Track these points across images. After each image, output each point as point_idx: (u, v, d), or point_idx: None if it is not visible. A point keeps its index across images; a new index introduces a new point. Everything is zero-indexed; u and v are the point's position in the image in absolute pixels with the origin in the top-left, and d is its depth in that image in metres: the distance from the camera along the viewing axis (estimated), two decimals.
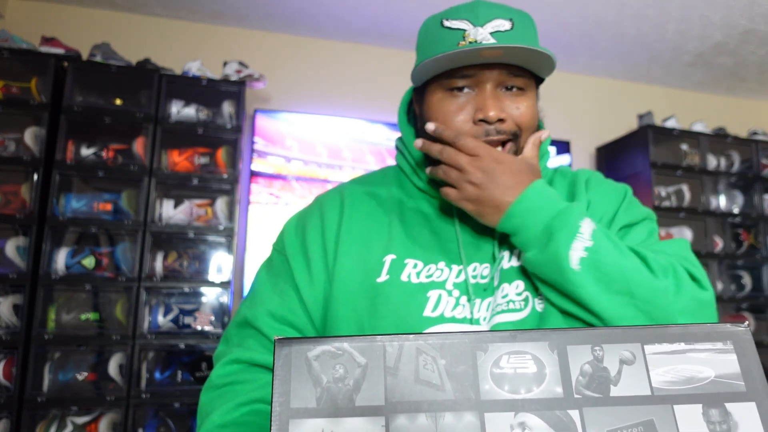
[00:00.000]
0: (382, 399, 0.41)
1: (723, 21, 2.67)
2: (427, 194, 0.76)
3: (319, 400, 0.41)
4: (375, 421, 0.40)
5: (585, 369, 0.43)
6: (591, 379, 0.42)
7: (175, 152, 2.31)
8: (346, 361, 0.42)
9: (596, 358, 0.43)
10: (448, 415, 0.41)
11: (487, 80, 0.68)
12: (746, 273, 2.99)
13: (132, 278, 2.13)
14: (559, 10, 2.62)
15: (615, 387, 0.42)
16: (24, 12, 2.62)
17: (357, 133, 2.80)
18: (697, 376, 0.43)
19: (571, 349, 0.43)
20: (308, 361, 0.42)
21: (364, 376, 0.42)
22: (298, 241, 0.75)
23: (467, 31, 0.66)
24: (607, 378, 0.43)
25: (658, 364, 0.43)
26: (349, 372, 0.42)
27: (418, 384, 0.42)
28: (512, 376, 0.42)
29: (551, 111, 3.26)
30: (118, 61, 2.33)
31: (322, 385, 0.41)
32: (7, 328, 2.02)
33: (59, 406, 2.01)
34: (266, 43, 2.89)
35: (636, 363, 0.43)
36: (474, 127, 0.68)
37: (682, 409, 0.41)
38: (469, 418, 0.40)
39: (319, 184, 2.70)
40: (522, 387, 0.42)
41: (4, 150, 2.12)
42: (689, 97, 3.57)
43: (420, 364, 0.42)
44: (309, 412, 0.40)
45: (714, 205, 2.96)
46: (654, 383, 0.42)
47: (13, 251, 2.06)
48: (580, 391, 0.42)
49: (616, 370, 0.43)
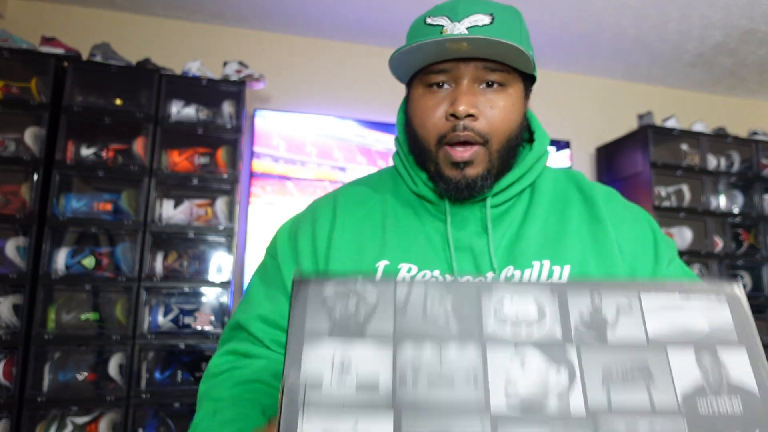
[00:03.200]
0: (391, 330, 0.44)
1: (723, 21, 2.67)
2: (422, 198, 0.75)
3: (331, 329, 0.44)
4: (383, 346, 0.44)
5: (583, 313, 0.45)
6: (589, 324, 0.45)
7: (175, 152, 2.31)
8: (359, 298, 0.46)
9: (594, 304, 0.46)
10: (452, 347, 0.44)
11: (463, 75, 0.67)
12: (746, 273, 2.99)
13: (132, 278, 2.13)
14: (559, 10, 2.62)
15: (612, 331, 0.45)
16: (24, 12, 2.62)
17: (357, 134, 2.80)
18: (691, 324, 0.45)
19: (571, 296, 0.46)
20: (323, 298, 0.46)
21: (374, 312, 0.45)
22: (290, 246, 0.76)
23: (445, 27, 0.66)
24: (604, 323, 0.45)
25: (654, 312, 0.45)
26: (360, 308, 0.45)
27: (425, 320, 0.45)
28: (514, 317, 0.45)
29: (551, 111, 3.27)
30: (118, 61, 2.33)
31: (336, 317, 0.45)
32: (7, 328, 2.02)
33: (59, 406, 2.01)
34: (266, 43, 2.89)
35: (632, 311, 0.45)
36: (446, 123, 0.68)
37: (675, 354, 0.44)
38: (471, 350, 0.44)
39: (317, 184, 2.70)
40: (523, 326, 0.45)
41: (4, 150, 2.12)
42: (689, 97, 3.57)
43: (428, 303, 0.45)
44: (322, 338, 0.44)
45: (714, 205, 2.96)
46: (649, 330, 0.45)
47: (13, 251, 2.06)
48: (578, 332, 0.45)
49: (613, 317, 0.45)
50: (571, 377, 0.43)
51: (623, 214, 0.76)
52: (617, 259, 0.70)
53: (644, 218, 0.77)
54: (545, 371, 0.43)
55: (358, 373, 0.43)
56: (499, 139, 0.69)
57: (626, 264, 0.71)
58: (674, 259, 0.75)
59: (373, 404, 0.42)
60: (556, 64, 3.23)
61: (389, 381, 0.42)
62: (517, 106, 0.70)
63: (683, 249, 2.85)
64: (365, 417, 0.41)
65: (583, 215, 0.74)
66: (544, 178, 0.78)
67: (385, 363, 0.43)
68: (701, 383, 0.43)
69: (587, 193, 0.76)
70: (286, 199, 2.65)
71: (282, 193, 2.66)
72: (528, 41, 0.71)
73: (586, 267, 0.69)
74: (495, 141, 0.68)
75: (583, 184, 0.78)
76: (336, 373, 0.43)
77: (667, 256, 0.74)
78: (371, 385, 0.42)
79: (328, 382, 0.42)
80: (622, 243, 0.72)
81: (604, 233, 0.72)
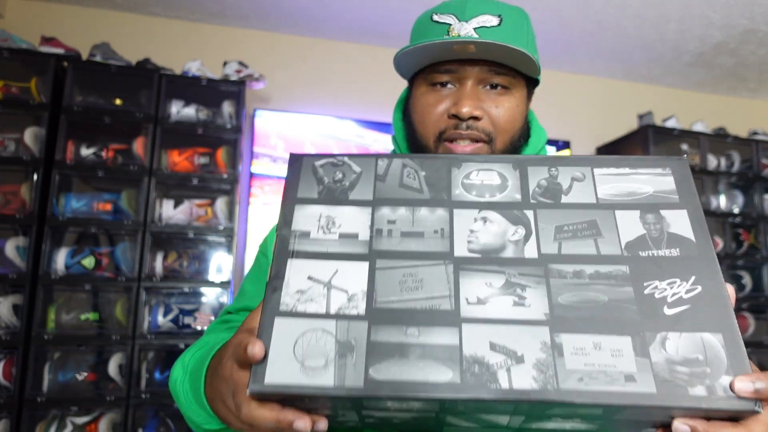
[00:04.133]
0: (370, 196, 0.51)
1: (723, 21, 2.67)
2: None
3: (320, 193, 0.51)
4: (363, 210, 0.50)
5: (541, 183, 0.51)
6: (545, 190, 0.51)
7: (175, 152, 2.31)
8: (345, 170, 0.53)
9: (551, 175, 0.52)
10: (424, 209, 0.50)
11: (468, 76, 0.67)
12: (746, 273, 2.99)
13: (132, 278, 2.13)
14: (560, 10, 2.62)
15: (566, 196, 0.51)
16: (24, 12, 2.62)
17: (356, 134, 2.80)
18: (637, 191, 0.50)
19: (531, 169, 0.52)
20: (314, 168, 0.53)
21: (358, 180, 0.52)
22: None
23: (452, 26, 0.66)
24: (559, 190, 0.51)
25: (605, 182, 0.51)
26: (346, 176, 0.52)
27: (401, 188, 0.52)
28: (479, 185, 0.52)
29: (551, 111, 3.27)
30: (117, 61, 2.33)
31: (324, 183, 0.52)
32: (6, 328, 2.01)
33: (59, 406, 2.01)
34: (266, 43, 2.89)
35: (585, 180, 0.51)
36: (447, 121, 0.68)
37: (622, 213, 0.49)
38: (440, 212, 0.50)
39: None
40: (486, 193, 0.51)
41: (4, 150, 2.12)
42: (689, 97, 3.57)
43: (404, 174, 0.53)
44: (311, 201, 0.51)
45: (714, 205, 2.96)
46: (599, 194, 0.50)
47: (13, 251, 2.06)
48: (535, 197, 0.51)
49: (567, 185, 0.51)
50: (527, 233, 0.49)
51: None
52: None
53: None
54: (504, 228, 0.49)
55: (341, 227, 0.49)
56: (503, 139, 0.69)
57: None
58: None
59: (353, 251, 0.48)
60: (556, 64, 3.23)
61: (367, 233, 0.49)
62: (520, 108, 0.70)
63: None
64: (345, 263, 0.47)
65: None
66: None
67: (364, 221, 0.50)
68: (644, 235, 0.48)
69: None
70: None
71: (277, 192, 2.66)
72: (534, 44, 0.71)
73: None
74: (499, 140, 0.69)
75: None
76: (322, 228, 0.49)
77: None
78: (351, 235, 0.49)
79: (315, 233, 0.49)
80: None
81: None
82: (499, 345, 0.42)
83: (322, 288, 0.46)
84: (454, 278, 0.46)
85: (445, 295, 0.45)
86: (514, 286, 0.45)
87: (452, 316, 0.44)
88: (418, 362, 0.42)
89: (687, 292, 0.44)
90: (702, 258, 0.46)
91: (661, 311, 0.44)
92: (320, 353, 0.42)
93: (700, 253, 0.46)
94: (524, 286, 0.45)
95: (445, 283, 0.46)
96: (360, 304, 0.45)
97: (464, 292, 0.45)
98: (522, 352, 0.42)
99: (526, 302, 0.45)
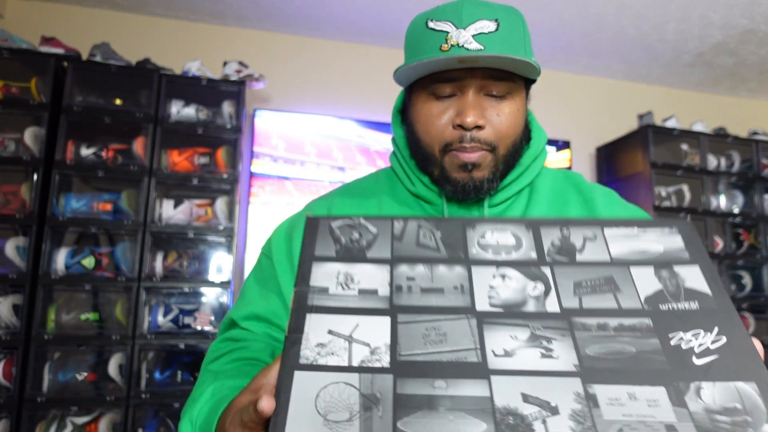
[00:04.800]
0: (388, 254, 0.52)
1: (723, 21, 2.67)
2: (419, 198, 0.75)
3: (338, 252, 0.52)
4: (382, 267, 0.51)
5: (555, 242, 0.53)
6: (560, 249, 0.53)
7: (175, 152, 2.31)
8: (362, 230, 0.54)
9: (564, 235, 0.54)
10: (442, 266, 0.51)
11: (470, 85, 0.66)
12: (746, 273, 2.99)
13: (132, 278, 2.13)
14: (560, 10, 2.62)
15: (580, 254, 0.52)
16: (24, 12, 2.62)
17: (357, 134, 2.80)
18: (648, 249, 0.52)
19: (543, 229, 0.54)
20: (331, 228, 0.54)
21: (375, 240, 0.53)
22: (285, 247, 0.76)
23: (450, 34, 0.65)
24: (573, 249, 0.53)
25: (616, 241, 0.53)
26: (363, 236, 0.53)
27: (418, 247, 0.53)
28: (495, 245, 0.53)
29: (551, 111, 3.27)
30: (117, 61, 2.33)
31: (341, 243, 0.53)
32: (6, 328, 2.01)
33: (59, 406, 2.01)
34: (266, 43, 2.89)
35: (597, 240, 0.53)
36: (453, 132, 0.67)
37: (637, 270, 0.51)
38: (458, 269, 0.51)
39: (317, 184, 2.70)
40: (503, 251, 0.52)
41: (3, 150, 2.12)
42: (689, 97, 3.57)
43: (420, 234, 0.54)
44: (329, 258, 0.52)
45: (714, 205, 2.96)
46: (612, 252, 0.52)
47: (13, 251, 2.06)
48: (551, 255, 0.52)
49: (581, 244, 0.53)
50: (547, 289, 0.50)
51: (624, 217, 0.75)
52: None
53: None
54: (523, 284, 0.50)
55: (360, 283, 0.50)
56: (505, 145, 0.69)
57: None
58: None
59: (373, 306, 0.48)
60: (556, 64, 3.23)
61: (387, 289, 0.49)
62: (521, 111, 0.70)
63: None
64: (366, 318, 0.47)
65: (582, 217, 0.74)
66: (542, 178, 0.78)
67: (383, 277, 0.50)
68: (661, 290, 0.49)
69: (586, 195, 0.76)
70: (285, 199, 2.65)
71: (281, 193, 2.66)
72: (530, 44, 0.70)
73: None
74: (502, 147, 0.69)
75: (582, 185, 0.78)
76: (341, 284, 0.50)
77: None
78: (371, 291, 0.49)
79: (333, 289, 0.49)
80: None
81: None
82: (531, 396, 0.42)
83: (343, 341, 0.46)
84: (478, 331, 0.46)
85: (471, 347, 0.45)
86: (539, 338, 0.46)
87: (480, 368, 0.44)
88: (449, 415, 0.41)
89: (713, 342, 0.45)
90: (721, 310, 0.47)
91: (691, 361, 0.44)
92: (344, 406, 0.42)
93: (718, 306, 0.47)
94: (550, 338, 0.46)
95: (470, 336, 0.46)
96: (384, 356, 0.45)
97: (490, 344, 0.45)
98: (556, 403, 0.42)
99: (554, 354, 0.45)
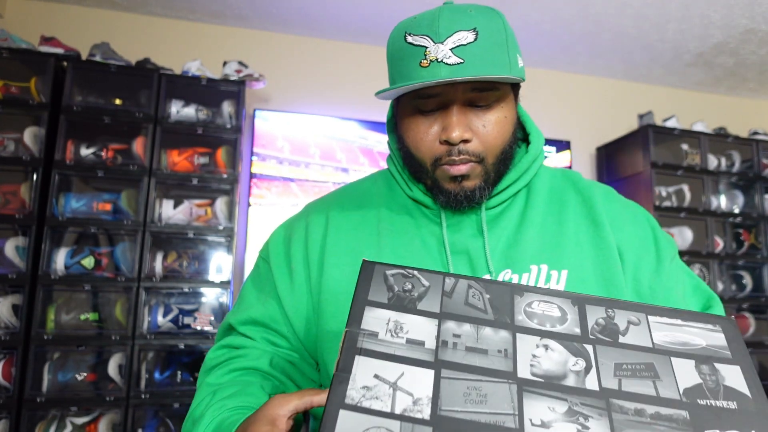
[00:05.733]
0: (438, 309, 0.54)
1: (723, 21, 2.67)
2: (417, 202, 0.75)
3: (390, 299, 0.54)
4: (431, 321, 0.53)
5: (599, 321, 0.54)
6: (603, 329, 0.53)
7: (175, 152, 2.31)
8: (414, 282, 0.56)
9: (609, 316, 0.54)
10: (488, 328, 0.52)
11: (453, 99, 0.65)
12: (747, 273, 2.98)
13: (131, 278, 2.13)
14: (560, 10, 2.62)
15: (623, 337, 0.53)
16: (23, 12, 2.62)
17: (357, 135, 2.80)
18: (690, 342, 0.53)
19: (589, 307, 0.55)
20: (385, 276, 0.56)
21: (426, 292, 0.55)
22: (283, 251, 0.76)
23: (428, 49, 0.63)
24: (616, 330, 0.53)
25: (659, 329, 0.54)
26: (415, 288, 0.55)
27: (466, 305, 0.54)
28: (540, 314, 0.54)
29: (551, 111, 3.27)
30: (117, 61, 2.33)
31: (394, 291, 0.55)
32: (6, 328, 2.01)
33: (59, 406, 2.01)
34: (266, 43, 2.89)
35: (641, 325, 0.54)
36: (441, 147, 0.67)
37: (678, 361, 0.51)
38: (503, 333, 0.52)
39: (317, 185, 2.70)
40: (547, 323, 0.53)
41: (3, 150, 2.12)
42: (690, 96, 3.56)
43: (470, 294, 0.55)
44: (381, 305, 0.53)
45: (715, 205, 2.96)
46: (655, 340, 0.53)
47: (13, 251, 2.06)
48: (594, 333, 0.53)
49: (624, 327, 0.53)
50: (588, 366, 0.50)
51: (623, 215, 0.75)
52: (616, 265, 0.70)
53: (644, 218, 0.77)
54: (565, 358, 0.50)
55: (408, 333, 0.51)
56: (494, 154, 0.69)
57: (629, 267, 0.71)
58: (675, 258, 0.75)
59: (419, 358, 0.49)
60: (556, 64, 3.23)
61: (434, 343, 0.51)
62: (508, 117, 0.69)
63: (684, 249, 2.85)
64: (411, 368, 0.49)
65: (581, 217, 0.73)
66: (539, 178, 0.77)
67: (431, 330, 0.52)
68: (700, 384, 0.49)
69: (584, 194, 0.75)
70: (285, 200, 2.65)
71: (282, 194, 2.66)
72: (513, 45, 0.67)
73: (584, 272, 0.69)
74: (491, 156, 0.68)
75: (580, 183, 0.77)
76: (390, 331, 0.51)
77: (669, 255, 0.73)
78: (418, 342, 0.51)
79: (383, 335, 0.51)
80: (623, 246, 0.71)
81: (603, 238, 0.71)
82: None
83: (387, 388, 0.47)
84: (518, 398, 0.47)
85: (510, 413, 0.46)
86: (577, 414, 0.46)
87: None
88: None
89: None
90: (760, 414, 0.47)
91: None
92: None
93: (757, 409, 0.47)
94: (587, 416, 0.46)
95: (509, 402, 0.47)
96: (425, 408, 0.46)
97: (528, 412, 0.46)
98: None
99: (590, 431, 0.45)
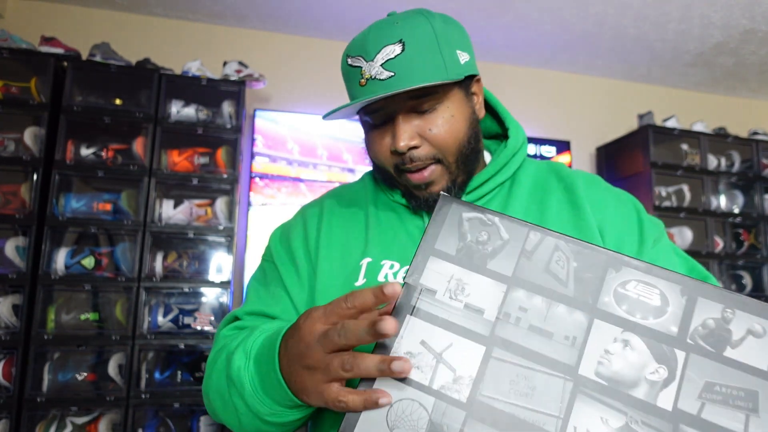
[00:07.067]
0: (510, 271, 0.46)
1: (723, 21, 2.67)
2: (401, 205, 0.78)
3: (459, 251, 0.47)
4: (498, 285, 0.45)
5: (708, 322, 0.42)
6: (710, 333, 0.42)
7: (175, 152, 2.31)
8: (492, 231, 0.48)
9: (724, 318, 0.42)
10: (562, 306, 0.44)
11: (395, 110, 0.67)
12: (747, 273, 2.99)
13: (132, 278, 2.13)
14: (559, 10, 2.62)
15: (732, 350, 0.41)
16: (24, 12, 2.62)
17: (361, 136, 2.79)
18: None
19: (701, 301, 0.43)
20: (461, 219, 0.48)
21: (502, 248, 0.47)
22: (284, 248, 0.78)
23: (363, 69, 0.65)
24: (726, 339, 0.41)
25: None
26: (491, 240, 0.47)
27: (545, 273, 0.45)
28: (634, 300, 0.44)
29: (551, 111, 3.26)
30: (117, 61, 2.33)
31: (466, 241, 0.47)
32: (6, 328, 2.01)
33: (59, 406, 2.01)
34: (266, 43, 2.89)
35: (764, 338, 0.41)
36: (395, 157, 0.69)
37: None
38: (579, 317, 0.43)
39: (317, 184, 2.70)
40: (638, 312, 0.43)
41: (3, 150, 2.12)
42: (689, 97, 3.56)
43: (554, 258, 0.46)
44: (447, 257, 0.47)
45: (714, 205, 2.96)
46: None
47: (13, 251, 2.06)
48: (694, 338, 0.42)
49: (739, 337, 0.41)
50: (669, 378, 0.41)
51: (605, 198, 0.75)
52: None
53: (628, 200, 0.77)
54: (644, 362, 0.41)
55: (469, 296, 0.45)
56: (451, 152, 0.69)
57: (610, 246, 0.71)
58: (661, 239, 0.74)
59: (473, 329, 0.44)
60: (556, 64, 3.23)
61: (494, 313, 0.44)
62: (459, 113, 0.69)
63: (684, 249, 2.85)
64: (462, 339, 0.43)
65: (563, 202, 0.74)
66: (524, 171, 0.78)
67: (495, 298, 0.45)
68: None
69: (567, 181, 0.76)
70: (286, 200, 2.65)
71: (291, 194, 2.66)
72: (447, 43, 0.67)
73: None
74: (448, 155, 0.69)
75: (563, 172, 0.78)
76: (450, 291, 0.45)
77: (653, 235, 0.73)
78: (477, 310, 0.44)
79: (441, 294, 0.45)
80: (605, 226, 0.72)
81: (583, 219, 0.71)
82: None
83: (431, 358, 0.43)
84: (569, 399, 0.41)
85: (554, 415, 0.40)
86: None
87: None
88: None
89: None
90: None
91: None
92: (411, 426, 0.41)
93: None
94: None
95: (558, 402, 0.41)
96: (464, 389, 0.42)
97: (575, 419, 0.40)
98: None
99: None
